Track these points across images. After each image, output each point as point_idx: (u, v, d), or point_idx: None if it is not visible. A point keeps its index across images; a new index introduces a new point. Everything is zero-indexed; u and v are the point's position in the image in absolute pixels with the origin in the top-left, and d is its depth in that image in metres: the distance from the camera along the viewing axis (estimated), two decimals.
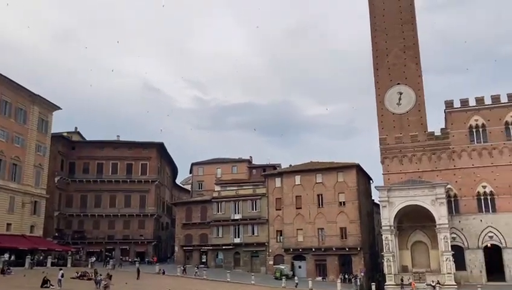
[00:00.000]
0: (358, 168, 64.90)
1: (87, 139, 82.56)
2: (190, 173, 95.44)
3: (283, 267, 61.05)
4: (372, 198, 73.65)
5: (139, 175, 75.66)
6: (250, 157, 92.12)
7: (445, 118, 60.22)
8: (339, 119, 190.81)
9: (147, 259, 70.68)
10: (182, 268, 59.93)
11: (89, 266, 56.50)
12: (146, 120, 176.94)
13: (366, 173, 69.66)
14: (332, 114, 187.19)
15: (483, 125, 57.29)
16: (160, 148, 79.08)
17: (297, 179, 66.84)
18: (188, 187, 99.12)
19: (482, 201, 56.07)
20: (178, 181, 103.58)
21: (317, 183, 65.42)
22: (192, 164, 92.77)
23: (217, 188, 77.41)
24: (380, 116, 63.02)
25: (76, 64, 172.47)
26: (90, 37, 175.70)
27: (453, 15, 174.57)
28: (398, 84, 62.65)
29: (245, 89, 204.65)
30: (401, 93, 62.28)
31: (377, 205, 64.46)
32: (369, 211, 71.32)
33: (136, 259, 68.06)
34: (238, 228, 69.39)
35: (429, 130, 60.26)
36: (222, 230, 70.17)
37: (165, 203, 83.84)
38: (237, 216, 69.33)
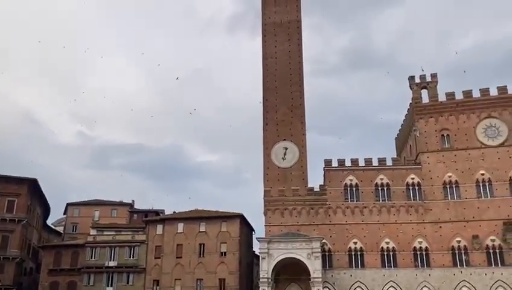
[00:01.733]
0: (242, 219, 65.61)
1: None
2: (64, 213, 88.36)
3: None
4: (253, 249, 74.46)
5: (5, 213, 68.00)
6: (133, 201, 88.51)
7: (324, 175, 64.21)
8: (228, 168, 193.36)
9: None
10: None
11: None
12: (22, 154, 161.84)
13: (249, 224, 70.61)
14: (222, 163, 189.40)
15: (356, 185, 62.02)
16: (32, 184, 72.30)
17: (180, 226, 65.38)
18: (61, 229, 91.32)
19: (353, 256, 59.64)
20: (50, 222, 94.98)
21: (200, 232, 64.57)
22: (68, 205, 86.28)
23: (93, 232, 72.40)
24: (266, 168, 65.21)
25: None
26: None
27: (336, 82, 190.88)
28: (285, 140, 65.92)
29: (135, 129, 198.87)
30: (286, 149, 65.49)
31: (257, 257, 65.19)
32: (249, 263, 71.76)
33: None
34: (112, 276, 64.94)
35: (310, 185, 63.59)
36: (94, 278, 65.09)
37: (31, 246, 75.83)
38: (112, 263, 65.11)
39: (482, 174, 59.84)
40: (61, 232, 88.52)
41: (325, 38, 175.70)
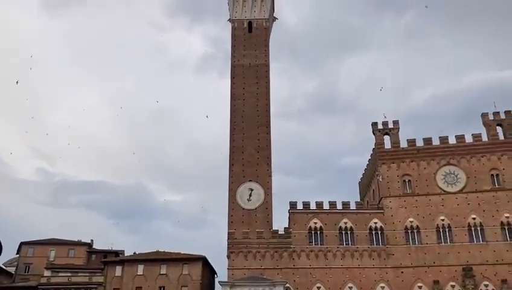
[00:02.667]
0: (204, 261, 64.02)
1: None
2: (17, 253, 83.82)
3: None
4: None
5: None
6: (91, 241, 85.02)
7: (289, 217, 64.08)
8: (192, 208, 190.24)
9: None
10: None
11: None
12: None
13: (212, 267, 68.93)
14: (186, 203, 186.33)
15: (321, 229, 62.10)
16: None
17: (140, 268, 63.06)
18: (13, 270, 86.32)
19: None
20: (1, 262, 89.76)
21: (160, 274, 62.42)
22: (21, 243, 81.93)
23: (47, 273, 68.71)
24: (230, 209, 64.54)
25: None
26: None
27: (302, 125, 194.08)
28: (250, 181, 65.80)
29: (98, 167, 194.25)
30: (252, 190, 65.28)
31: None
32: None
33: None
34: None
35: (274, 228, 63.17)
36: None
37: None
38: None
39: (442, 220, 61.26)
40: (13, 273, 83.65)
41: (292, 82, 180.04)
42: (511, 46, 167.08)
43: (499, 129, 65.12)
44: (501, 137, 64.47)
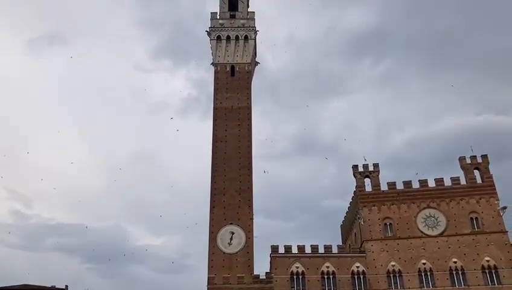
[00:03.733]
0: None
1: None
2: None
3: None
4: None
5: None
6: (66, 286, 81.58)
7: (270, 262, 62.98)
8: (171, 252, 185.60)
9: None
10: None
11: None
12: None
13: None
14: (166, 247, 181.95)
15: (303, 273, 61.02)
16: None
17: None
18: None
19: None
20: None
21: None
22: None
23: None
24: (211, 254, 63.30)
25: None
26: None
27: (284, 166, 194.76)
28: (231, 224, 64.97)
29: (74, 208, 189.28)
30: (233, 233, 64.35)
31: None
32: None
33: None
34: None
35: (256, 272, 61.89)
36: None
37: None
38: None
39: (424, 264, 60.95)
40: None
41: (274, 124, 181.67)
42: (485, 92, 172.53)
43: (477, 173, 66.23)
44: (479, 181, 65.49)
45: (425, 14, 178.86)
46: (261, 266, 63.70)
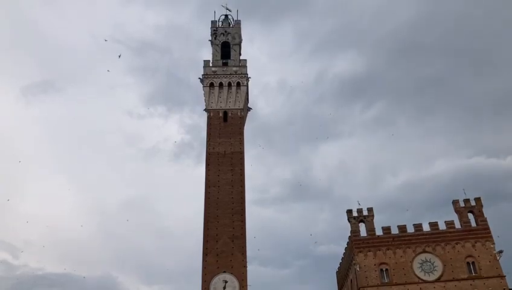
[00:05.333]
0: None
1: None
2: None
3: None
4: None
5: None
6: None
7: None
8: None
9: None
10: None
11: None
12: None
13: None
14: None
15: None
16: None
17: None
18: None
19: None
20: None
21: None
22: None
23: None
24: None
25: None
26: None
27: (278, 212, 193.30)
28: (225, 272, 63.35)
29: (63, 257, 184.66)
30: (226, 282, 62.59)
31: None
32: None
33: None
34: None
35: None
36: None
37: None
38: None
39: None
40: None
41: (267, 169, 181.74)
42: (476, 135, 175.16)
43: (471, 216, 66.04)
44: (473, 224, 65.21)
45: (414, 58, 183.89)
46: None
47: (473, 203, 66.53)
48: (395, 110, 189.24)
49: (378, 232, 66.07)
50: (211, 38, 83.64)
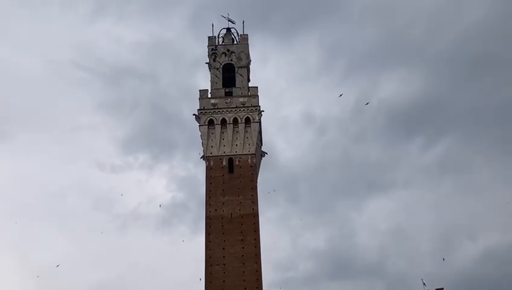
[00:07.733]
0: None
1: None
2: None
3: None
4: None
5: None
6: None
7: None
8: None
9: None
10: None
11: None
12: None
13: None
14: None
15: None
16: None
17: None
18: None
19: None
20: None
21: None
22: None
23: None
24: None
25: None
26: None
27: None
28: None
29: None
30: None
31: None
32: None
33: None
34: None
35: None
36: None
37: None
38: None
39: None
40: None
41: (293, 236, 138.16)
42: None
43: None
44: None
45: (491, 74, 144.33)
46: None
47: None
48: (469, 147, 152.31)
49: None
50: (208, 61, 66.80)
